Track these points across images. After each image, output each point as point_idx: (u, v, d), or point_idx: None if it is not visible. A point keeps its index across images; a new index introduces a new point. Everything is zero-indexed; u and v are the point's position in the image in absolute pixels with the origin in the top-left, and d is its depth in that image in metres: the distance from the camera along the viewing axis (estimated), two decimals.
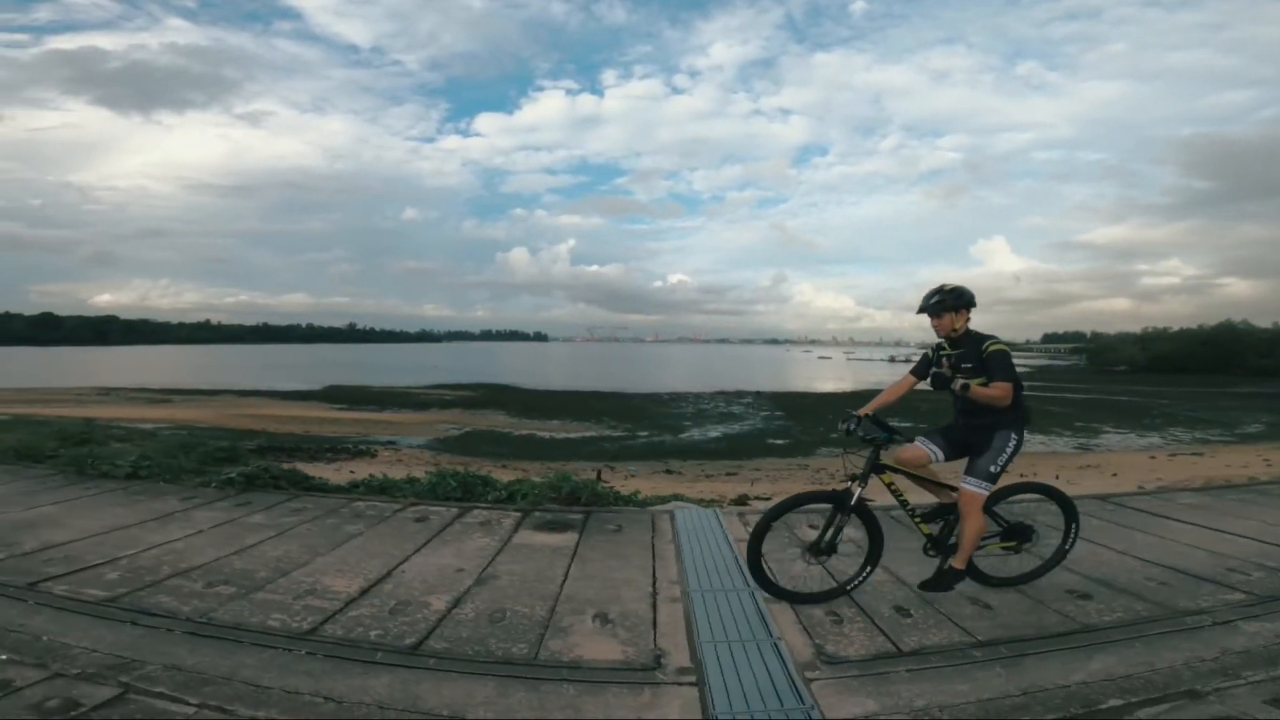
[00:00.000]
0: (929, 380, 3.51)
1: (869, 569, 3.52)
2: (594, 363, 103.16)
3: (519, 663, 2.80)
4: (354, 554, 4.05)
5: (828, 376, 70.47)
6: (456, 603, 3.37)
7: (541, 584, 3.65)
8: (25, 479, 5.72)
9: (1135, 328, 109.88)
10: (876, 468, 3.46)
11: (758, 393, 45.34)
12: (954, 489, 3.53)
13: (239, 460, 6.40)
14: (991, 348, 3.38)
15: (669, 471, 19.00)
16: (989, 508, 3.52)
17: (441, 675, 2.66)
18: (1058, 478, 15.39)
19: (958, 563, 3.44)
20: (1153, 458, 20.57)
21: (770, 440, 25.83)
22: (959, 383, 3.37)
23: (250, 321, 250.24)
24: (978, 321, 3.51)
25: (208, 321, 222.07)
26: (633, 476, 16.84)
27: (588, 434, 26.05)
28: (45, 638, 2.83)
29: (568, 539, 4.39)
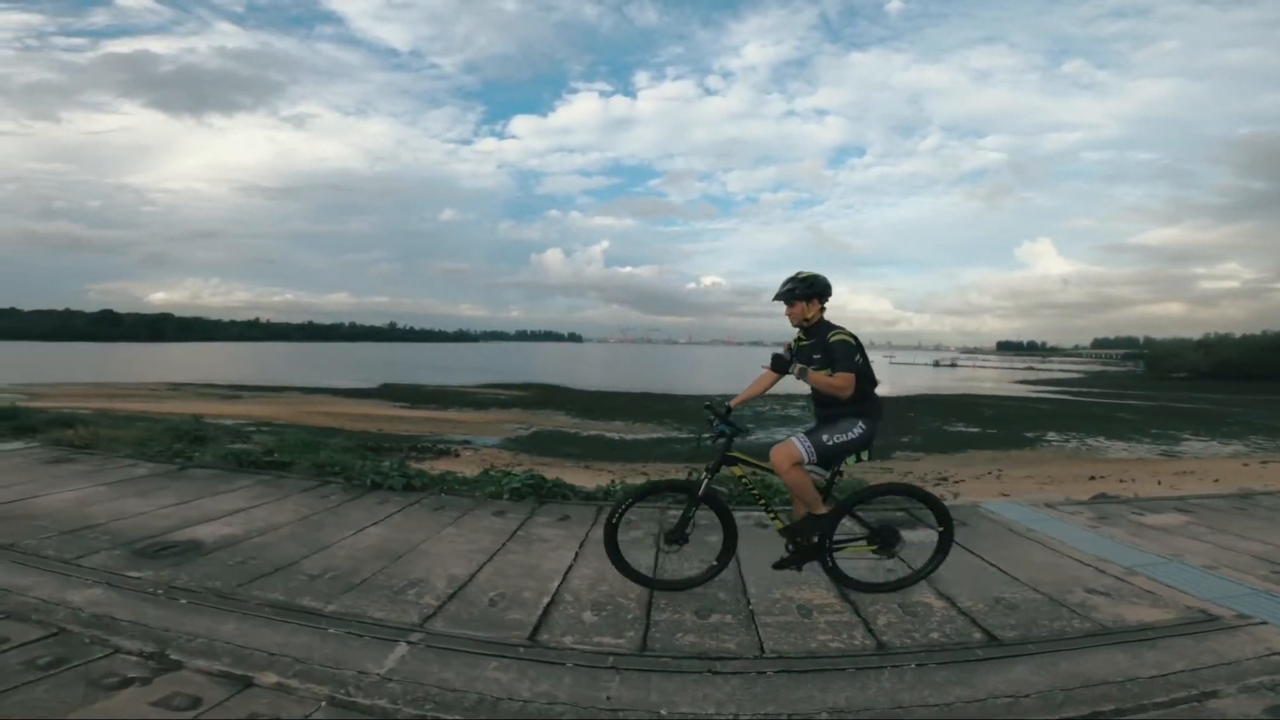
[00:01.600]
0: (772, 364, 3.52)
1: (727, 557, 3.57)
2: (632, 364, 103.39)
3: (1093, 634, 3.03)
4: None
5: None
6: (945, 599, 3.52)
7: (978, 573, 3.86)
8: (292, 490, 5.36)
9: (1190, 333, 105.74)
10: (726, 459, 3.51)
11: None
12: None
13: (364, 460, 6.22)
14: (834, 337, 3.36)
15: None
16: (853, 510, 3.51)
17: (1023, 659, 2.80)
18: (1160, 483, 15.03)
19: (816, 510, 3.42)
20: (1245, 464, 19.86)
21: None
22: (796, 367, 3.39)
23: (297, 320, 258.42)
24: (1023, 325, 3.62)
25: (257, 320, 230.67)
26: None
27: (655, 435, 26.14)
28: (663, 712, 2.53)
29: (928, 534, 3.95)
